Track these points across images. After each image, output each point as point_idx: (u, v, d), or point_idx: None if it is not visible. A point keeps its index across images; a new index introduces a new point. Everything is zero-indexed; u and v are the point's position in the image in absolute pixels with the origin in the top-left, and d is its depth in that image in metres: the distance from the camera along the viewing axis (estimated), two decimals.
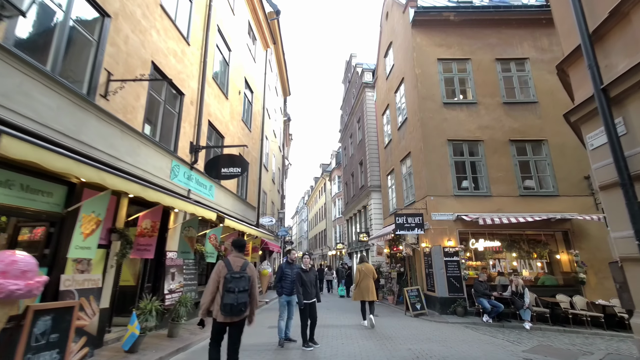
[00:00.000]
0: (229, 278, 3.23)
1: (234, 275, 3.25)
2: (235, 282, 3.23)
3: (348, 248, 24.39)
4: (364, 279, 7.66)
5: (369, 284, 7.55)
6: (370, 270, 7.97)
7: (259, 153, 14.54)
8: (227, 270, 3.29)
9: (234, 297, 3.16)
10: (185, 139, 7.53)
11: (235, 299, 3.16)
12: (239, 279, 3.26)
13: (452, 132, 10.57)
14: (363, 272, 7.79)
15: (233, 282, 3.22)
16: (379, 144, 17.17)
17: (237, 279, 3.25)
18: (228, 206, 10.18)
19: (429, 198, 10.08)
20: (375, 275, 7.92)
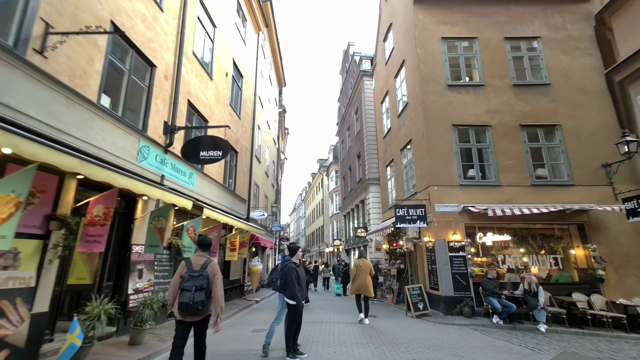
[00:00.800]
0: (187, 277, 3.22)
1: (192, 274, 3.22)
2: (193, 280, 3.18)
3: (345, 244, 23.58)
4: (361, 274, 7.56)
5: (366, 280, 7.47)
6: (368, 266, 7.71)
7: (249, 142, 13.62)
8: (187, 269, 3.29)
9: (189, 295, 3.11)
10: (158, 117, 6.61)
11: (191, 297, 3.10)
12: (196, 277, 3.20)
13: (458, 117, 9.70)
14: (360, 267, 7.68)
15: (190, 280, 3.18)
16: (378, 134, 16.29)
17: (195, 278, 3.20)
18: (213, 197, 9.29)
19: (432, 188, 9.22)
20: (372, 271, 7.76)
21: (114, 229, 5.48)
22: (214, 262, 3.46)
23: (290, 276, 4.60)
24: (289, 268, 4.69)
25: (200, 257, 3.44)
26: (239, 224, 9.60)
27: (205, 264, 3.34)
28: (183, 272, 3.28)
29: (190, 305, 3.08)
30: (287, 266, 4.74)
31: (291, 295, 4.57)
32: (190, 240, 7.08)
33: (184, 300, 3.10)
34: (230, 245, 9.81)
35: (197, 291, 3.13)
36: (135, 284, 5.66)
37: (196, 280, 3.17)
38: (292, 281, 4.56)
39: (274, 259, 22.77)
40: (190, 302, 3.08)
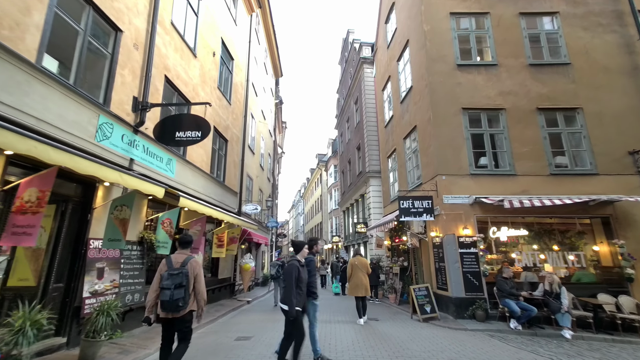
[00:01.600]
0: (166, 276, 3.24)
1: (171, 272, 3.24)
2: (172, 279, 3.20)
3: (345, 241, 22.73)
4: (357, 273, 7.27)
5: (362, 279, 7.20)
6: (364, 264, 7.42)
7: (241, 131, 12.69)
8: (167, 267, 3.31)
9: (169, 293, 3.13)
10: (125, 91, 5.68)
11: (170, 295, 3.12)
12: (175, 275, 3.22)
13: (468, 99, 8.77)
14: (356, 266, 7.38)
15: (170, 279, 3.20)
16: (379, 124, 15.36)
17: (174, 276, 3.21)
18: (197, 187, 8.38)
19: (440, 178, 8.32)
20: (369, 270, 7.47)
21: (66, 219, 4.57)
22: (195, 259, 3.47)
23: (290, 276, 3.76)
24: (290, 266, 3.86)
25: (180, 254, 3.45)
26: (228, 217, 8.70)
27: (185, 261, 3.35)
28: (163, 270, 3.31)
29: (170, 302, 3.11)
30: (289, 264, 3.92)
31: (285, 299, 3.73)
32: (166, 235, 6.18)
33: (164, 299, 3.13)
34: (218, 241, 8.91)
35: (176, 289, 3.16)
36: (93, 285, 4.76)
37: (175, 279, 3.19)
38: (290, 283, 3.73)
39: (270, 256, 21.90)
40: (170, 299, 3.11)
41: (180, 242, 3.58)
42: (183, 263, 3.33)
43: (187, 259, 3.37)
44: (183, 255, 3.44)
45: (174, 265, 3.32)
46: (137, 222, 6.00)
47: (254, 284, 14.57)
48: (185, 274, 3.23)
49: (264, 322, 7.12)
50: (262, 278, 16.72)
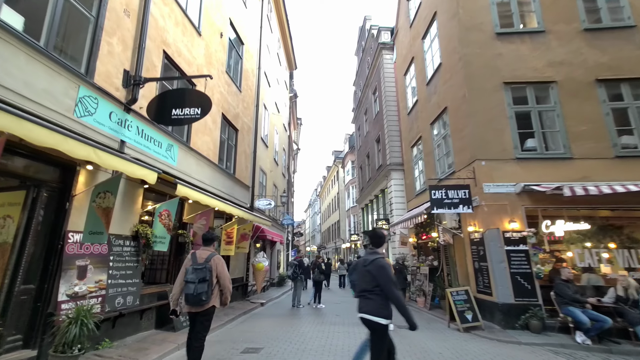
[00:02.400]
0: (190, 270, 3.33)
1: (195, 267, 3.33)
2: (196, 273, 3.28)
3: (364, 239, 21.62)
4: None
5: None
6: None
7: (253, 121, 11.89)
8: (192, 262, 3.41)
9: (193, 287, 3.22)
10: (113, 62, 4.92)
11: (194, 289, 3.21)
12: (199, 270, 3.30)
13: (510, 72, 7.53)
14: None
15: (194, 273, 3.28)
16: (400, 112, 14.18)
17: (198, 270, 3.30)
18: (203, 178, 7.61)
19: (479, 163, 7.14)
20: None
21: (38, 208, 3.82)
22: (218, 255, 3.55)
23: (388, 279, 2.81)
24: (383, 266, 2.88)
25: (204, 251, 3.57)
26: (237, 210, 7.88)
27: (209, 257, 3.45)
28: (187, 265, 3.41)
29: (194, 296, 3.20)
30: (379, 262, 2.91)
31: (399, 310, 2.75)
32: (164, 229, 5.39)
33: (188, 292, 3.23)
34: (227, 238, 8.10)
35: (200, 283, 3.25)
36: (72, 287, 4.00)
37: (199, 273, 3.28)
38: (391, 286, 2.78)
39: (286, 255, 21.11)
40: (193, 293, 3.20)
41: (203, 240, 3.73)
42: (207, 259, 3.42)
43: (210, 255, 3.47)
44: (207, 251, 3.55)
45: (198, 260, 3.42)
46: (131, 214, 5.24)
47: (269, 285, 13.78)
48: (208, 269, 3.33)
49: (277, 329, 6.23)
50: (277, 278, 15.93)
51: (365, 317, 2.86)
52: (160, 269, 6.58)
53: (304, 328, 6.40)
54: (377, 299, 2.82)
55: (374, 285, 2.87)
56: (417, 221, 9.16)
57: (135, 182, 5.29)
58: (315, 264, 10.37)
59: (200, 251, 3.56)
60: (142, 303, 5.31)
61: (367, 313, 2.84)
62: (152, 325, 5.61)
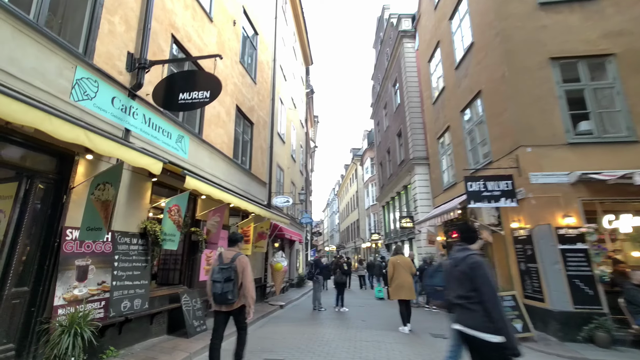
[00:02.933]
0: (217, 269, 3.44)
1: (221, 267, 3.43)
2: (222, 273, 3.38)
3: (385, 239, 20.77)
4: (400, 273, 6.40)
5: (406, 279, 6.33)
6: (407, 263, 6.56)
7: (269, 115, 11.41)
8: (218, 262, 3.51)
9: (219, 286, 3.33)
10: (116, 43, 4.50)
11: (220, 288, 3.32)
12: (225, 269, 3.39)
13: (557, 46, 6.60)
14: (398, 264, 6.51)
15: (220, 273, 3.39)
16: (423, 102, 13.29)
17: (224, 270, 3.39)
18: (217, 173, 7.16)
19: (523, 150, 6.27)
20: (413, 269, 6.65)
21: (31, 202, 3.42)
22: (243, 255, 3.60)
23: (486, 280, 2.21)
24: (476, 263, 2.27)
25: (230, 251, 3.67)
26: (253, 207, 7.38)
27: (234, 257, 3.52)
28: (214, 265, 3.51)
29: (221, 294, 3.32)
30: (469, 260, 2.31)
31: (496, 324, 2.10)
32: (173, 225, 4.93)
33: (214, 291, 3.37)
34: (243, 236, 7.63)
35: (226, 282, 3.35)
36: (71, 289, 3.58)
37: (224, 272, 3.38)
38: (491, 291, 2.18)
39: (305, 255, 20.58)
40: (220, 292, 3.32)
41: (229, 240, 3.86)
42: (232, 259, 3.50)
43: (235, 255, 3.54)
44: (233, 251, 3.64)
45: (224, 260, 3.51)
46: (138, 210, 4.81)
47: (288, 285, 13.27)
48: (233, 269, 3.41)
49: (299, 337, 5.65)
50: (296, 279, 15.41)
51: (467, 332, 2.21)
52: (173, 269, 6.17)
53: (328, 336, 5.78)
54: (480, 309, 2.17)
55: (470, 289, 2.24)
56: (447, 218, 8.33)
57: (143, 174, 4.87)
58: (337, 264, 9.71)
59: (226, 251, 3.66)
60: (152, 306, 4.87)
61: (471, 327, 2.19)
62: (164, 331, 5.17)
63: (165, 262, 6.29)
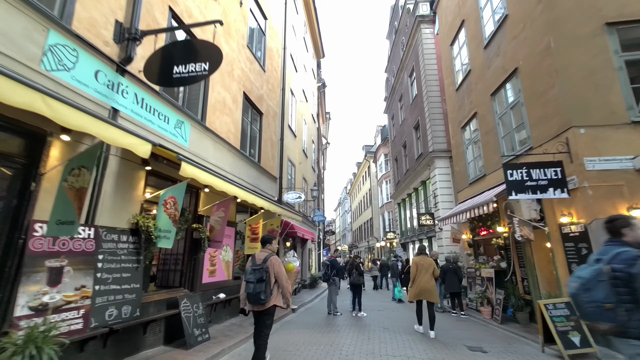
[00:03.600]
0: (250, 270, 3.53)
1: (254, 267, 3.52)
2: (254, 273, 3.47)
3: (401, 237, 19.84)
4: (422, 274, 5.98)
5: (430, 282, 5.94)
6: (430, 264, 6.10)
7: (279, 106, 10.74)
8: (251, 263, 3.61)
9: (252, 286, 3.42)
10: (101, 9, 3.87)
11: (253, 288, 3.41)
12: (257, 270, 3.48)
13: (615, 10, 5.62)
14: (422, 266, 6.05)
15: (252, 273, 3.47)
16: (445, 90, 12.33)
17: (256, 271, 3.48)
18: (222, 164, 6.52)
19: (575, 132, 5.34)
20: (436, 271, 6.15)
21: None
22: (275, 256, 3.70)
23: None
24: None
25: (263, 252, 3.72)
26: (262, 201, 6.70)
27: (266, 258, 3.60)
28: (248, 266, 3.61)
29: (254, 295, 3.39)
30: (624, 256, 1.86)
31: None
32: (169, 220, 4.28)
33: (248, 291, 3.46)
34: (251, 234, 6.97)
35: (258, 282, 3.42)
36: (39, 296, 2.95)
37: (257, 273, 3.46)
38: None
39: (318, 255, 19.86)
40: (253, 292, 3.40)
41: (261, 241, 3.91)
42: (264, 259, 3.58)
43: (267, 256, 3.63)
44: (265, 252, 3.70)
45: (257, 261, 3.60)
46: (129, 203, 4.19)
47: (300, 287, 12.57)
48: (265, 270, 3.48)
49: (314, 349, 4.93)
50: (309, 279, 14.71)
51: None
52: (174, 270, 5.55)
53: (347, 348, 5.03)
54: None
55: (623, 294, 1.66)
56: (477, 213, 7.44)
57: (134, 162, 4.24)
58: (352, 264, 8.93)
59: (259, 252, 3.72)
60: (146, 313, 4.24)
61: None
62: (160, 341, 4.54)
63: (165, 262, 5.69)
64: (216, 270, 6.04)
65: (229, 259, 6.60)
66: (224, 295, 6.01)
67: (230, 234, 6.74)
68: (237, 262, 7.37)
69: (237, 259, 7.41)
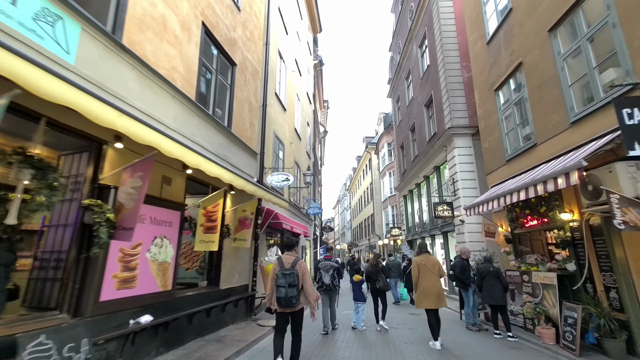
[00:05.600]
0: (279, 275, 3.59)
1: (283, 272, 3.58)
2: (285, 278, 3.53)
3: (408, 234, 17.59)
4: (426, 276, 5.05)
5: (436, 284, 5.01)
6: (435, 263, 5.14)
7: (260, 63, 8.43)
8: (280, 267, 3.66)
9: (284, 291, 3.50)
10: None
11: (285, 293, 3.48)
12: (288, 275, 3.55)
13: None
14: (424, 267, 5.11)
15: (283, 278, 3.54)
16: (471, 48, 10.02)
17: (287, 275, 3.55)
18: (163, 115, 4.23)
19: None
20: (442, 271, 5.16)
21: None
22: (302, 260, 3.77)
23: None
24: None
25: (289, 256, 3.79)
26: (232, 176, 4.40)
27: (295, 262, 3.69)
28: (276, 270, 3.67)
29: (285, 299, 3.49)
30: None
31: None
32: None
33: (279, 295, 3.53)
34: (206, 221, 4.65)
35: (290, 287, 3.49)
36: None
37: (288, 278, 3.53)
38: None
39: (314, 254, 17.54)
40: (285, 296, 3.48)
41: (285, 246, 4.02)
42: (293, 264, 3.65)
43: (295, 260, 3.70)
44: (291, 256, 3.77)
45: (285, 265, 3.64)
46: None
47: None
48: (296, 274, 3.57)
49: None
50: None
51: None
52: (52, 280, 3.21)
53: None
54: None
55: None
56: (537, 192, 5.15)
57: None
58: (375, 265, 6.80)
59: (285, 256, 3.77)
60: None
61: None
62: None
63: (43, 264, 3.34)
64: (136, 277, 3.73)
65: (166, 258, 4.27)
66: (150, 318, 3.71)
67: (173, 221, 4.42)
68: (189, 262, 5.06)
69: (189, 258, 5.10)
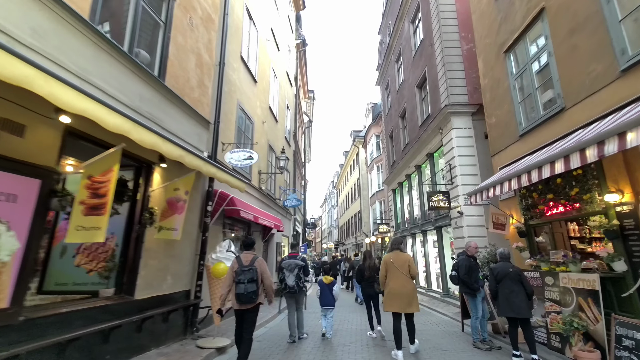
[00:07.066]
0: (239, 271, 3.69)
1: (243, 268, 3.69)
2: (244, 274, 3.65)
3: (397, 230, 16.19)
4: (396, 276, 4.37)
5: (407, 285, 4.33)
6: (405, 261, 4.43)
7: (219, 13, 6.72)
8: (238, 265, 3.75)
9: (243, 287, 3.59)
10: None
11: (244, 288, 3.59)
12: (247, 271, 3.67)
13: None
14: (392, 265, 4.44)
15: (242, 274, 3.65)
16: (473, 9, 8.60)
17: (246, 271, 3.67)
18: (42, 43, 2.47)
19: None
20: (414, 270, 4.42)
21: None
22: (260, 258, 3.91)
23: None
24: None
25: (248, 254, 3.88)
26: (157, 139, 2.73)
27: (253, 259, 3.80)
28: (235, 267, 3.75)
29: (245, 295, 3.57)
30: None
31: None
32: None
33: (239, 291, 3.59)
34: (90, 195, 2.97)
35: (249, 283, 3.61)
36: None
37: (247, 274, 3.64)
38: None
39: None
40: (244, 292, 3.57)
41: (245, 245, 4.05)
42: (252, 261, 3.77)
43: (254, 258, 3.82)
44: (250, 254, 3.87)
45: (244, 262, 3.75)
46: None
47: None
48: (255, 270, 3.69)
49: None
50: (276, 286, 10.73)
51: None
52: None
53: None
54: None
55: None
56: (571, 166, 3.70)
57: None
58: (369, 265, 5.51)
59: (244, 254, 3.85)
60: None
61: None
62: None
63: None
64: None
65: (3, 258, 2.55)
66: None
67: (19, 194, 2.68)
68: (93, 262, 3.35)
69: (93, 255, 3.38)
